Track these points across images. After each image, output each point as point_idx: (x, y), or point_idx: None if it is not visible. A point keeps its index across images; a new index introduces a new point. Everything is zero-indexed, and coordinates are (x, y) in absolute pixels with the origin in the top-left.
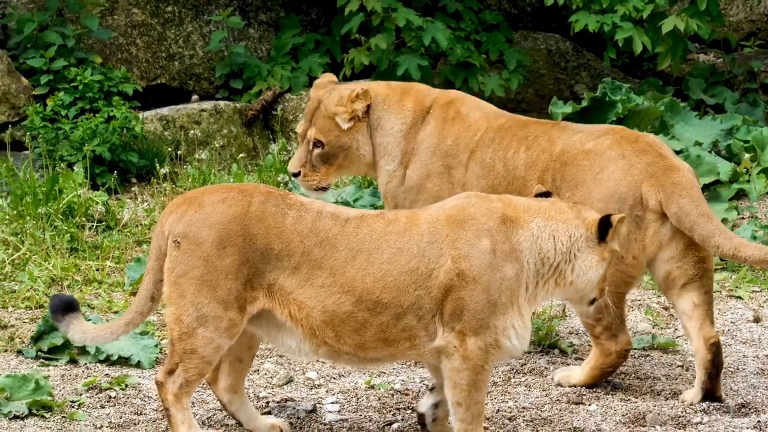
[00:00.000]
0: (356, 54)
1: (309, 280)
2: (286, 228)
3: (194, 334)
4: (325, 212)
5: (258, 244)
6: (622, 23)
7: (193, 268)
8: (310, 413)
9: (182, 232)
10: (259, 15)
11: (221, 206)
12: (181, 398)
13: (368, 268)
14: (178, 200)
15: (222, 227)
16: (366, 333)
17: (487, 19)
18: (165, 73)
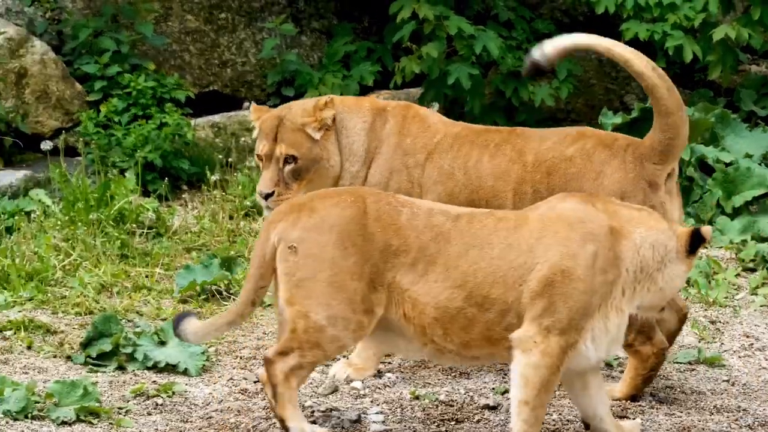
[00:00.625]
0: (407, 62)
1: (424, 276)
2: (402, 224)
3: (323, 330)
4: (436, 209)
5: (377, 243)
6: (673, 32)
7: (319, 271)
8: (355, 423)
9: (299, 237)
10: (312, 22)
11: (336, 209)
12: (290, 378)
13: (480, 263)
14: (284, 209)
15: (341, 228)
16: (473, 330)
17: (538, 28)
18: (217, 80)
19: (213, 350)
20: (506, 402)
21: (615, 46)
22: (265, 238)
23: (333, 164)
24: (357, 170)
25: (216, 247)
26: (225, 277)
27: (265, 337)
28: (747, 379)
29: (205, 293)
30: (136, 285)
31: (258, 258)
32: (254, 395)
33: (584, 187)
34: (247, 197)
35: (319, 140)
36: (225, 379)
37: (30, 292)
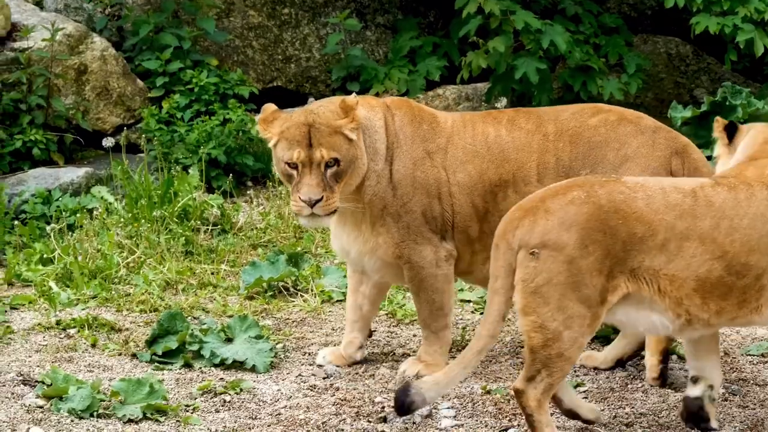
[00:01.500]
0: (474, 57)
1: (679, 253)
2: (642, 210)
3: (560, 338)
4: (667, 186)
5: (620, 235)
6: (743, 25)
7: (557, 274)
8: (426, 418)
9: (540, 242)
10: (377, 17)
11: (573, 207)
12: (543, 403)
13: (733, 234)
14: (518, 213)
15: (581, 227)
16: (730, 297)
17: (606, 22)
18: (281, 76)
19: (281, 347)
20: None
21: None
22: (506, 246)
23: (364, 163)
24: (381, 168)
25: (282, 243)
26: (292, 274)
27: (333, 333)
28: None
29: (272, 290)
30: (201, 282)
31: (503, 268)
32: (323, 391)
33: (607, 156)
34: None
35: (354, 141)
36: (293, 376)
37: (93, 290)
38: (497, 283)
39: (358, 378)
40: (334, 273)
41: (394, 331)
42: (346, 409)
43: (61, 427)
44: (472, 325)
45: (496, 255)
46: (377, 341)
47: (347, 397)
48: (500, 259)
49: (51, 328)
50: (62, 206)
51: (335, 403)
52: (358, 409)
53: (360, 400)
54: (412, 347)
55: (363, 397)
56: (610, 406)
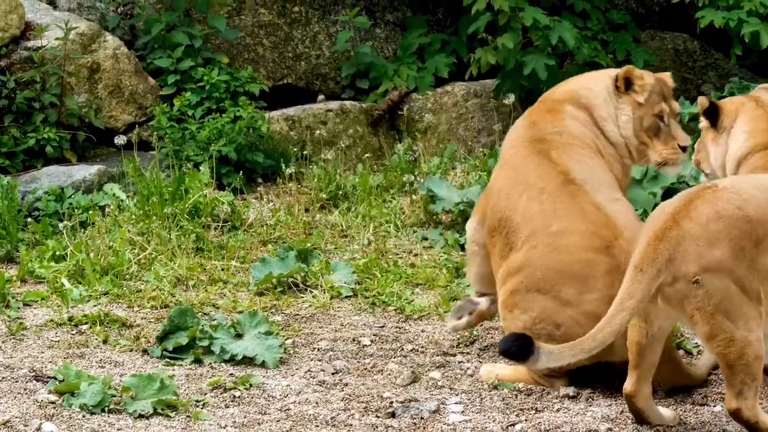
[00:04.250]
0: (483, 53)
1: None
2: (757, 212)
3: (749, 342)
4: (762, 186)
5: (753, 237)
6: (749, 19)
7: (728, 288)
8: (434, 413)
9: (700, 269)
10: (386, 15)
11: (713, 225)
12: (756, 406)
13: None
14: (660, 246)
15: (728, 240)
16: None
17: (614, 18)
18: (291, 73)
19: (290, 342)
20: (586, 391)
21: None
22: (653, 275)
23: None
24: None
25: (292, 239)
26: (301, 270)
27: (342, 328)
28: None
29: (282, 286)
30: (211, 278)
31: (644, 294)
32: (332, 387)
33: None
34: (322, 189)
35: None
36: (302, 371)
37: (105, 286)
38: (630, 302)
39: (367, 374)
40: (343, 269)
41: (402, 326)
42: (354, 405)
43: (73, 422)
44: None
45: (639, 277)
46: (386, 337)
47: (356, 393)
48: (643, 281)
49: (63, 324)
50: (75, 203)
51: (344, 398)
52: (367, 404)
53: (368, 395)
54: (420, 343)
55: (371, 392)
56: (618, 401)
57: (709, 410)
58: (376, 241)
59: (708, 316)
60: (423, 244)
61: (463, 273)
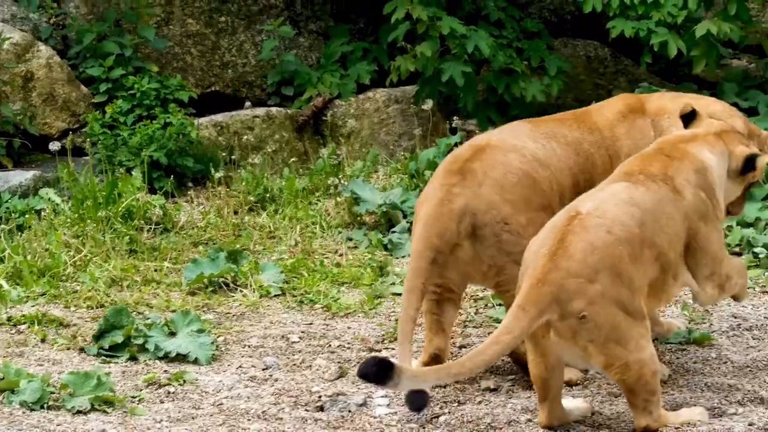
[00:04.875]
0: (402, 61)
1: (641, 261)
2: (622, 232)
3: (643, 362)
4: (619, 202)
5: (625, 258)
6: (658, 29)
7: (614, 316)
8: (361, 407)
9: (584, 305)
10: (309, 24)
11: (590, 258)
12: (661, 413)
13: (660, 234)
14: (542, 288)
15: (606, 269)
16: (665, 293)
17: (528, 27)
18: (219, 81)
19: (222, 340)
20: (506, 384)
21: None
22: (536, 315)
23: None
24: None
25: (222, 241)
26: (231, 270)
27: (271, 326)
28: (736, 358)
29: (213, 285)
30: (145, 279)
31: (522, 331)
32: (263, 382)
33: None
34: (251, 192)
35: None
36: (234, 367)
37: (42, 288)
38: (506, 337)
39: (296, 369)
40: (271, 269)
41: (329, 324)
42: (284, 399)
43: (13, 418)
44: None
45: (520, 315)
46: (314, 334)
47: (286, 388)
48: (524, 320)
49: (2, 324)
50: (11, 207)
51: (274, 393)
52: (296, 398)
53: (298, 390)
54: (347, 339)
55: (301, 387)
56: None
57: (623, 401)
58: (302, 242)
59: (600, 346)
60: (348, 244)
61: (386, 272)
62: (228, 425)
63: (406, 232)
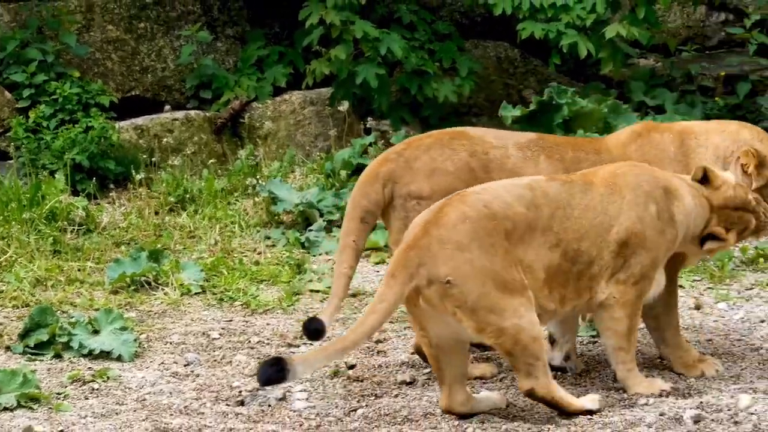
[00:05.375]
0: (317, 64)
1: (531, 243)
2: (502, 207)
3: (521, 327)
4: (507, 185)
5: (500, 232)
6: (567, 30)
7: (483, 284)
8: (280, 401)
9: (450, 270)
10: (226, 29)
11: (460, 225)
12: (549, 384)
13: (565, 223)
14: (410, 252)
15: (476, 239)
16: (568, 285)
17: (439, 29)
18: (139, 86)
19: (144, 337)
20: (422, 377)
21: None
22: (406, 278)
23: None
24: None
25: (143, 241)
26: (153, 269)
27: (192, 323)
28: (646, 350)
29: (135, 284)
30: (69, 278)
31: (395, 296)
32: (184, 378)
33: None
34: (171, 193)
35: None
36: (156, 364)
37: None
38: (381, 305)
39: (217, 365)
40: (192, 268)
41: (249, 320)
42: (206, 394)
43: None
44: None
45: (391, 282)
46: (234, 330)
47: (207, 383)
48: (397, 287)
49: None
50: None
51: (196, 388)
52: (217, 393)
53: (219, 385)
54: (266, 335)
55: (221, 382)
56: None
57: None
58: (222, 241)
59: (469, 312)
60: (266, 243)
61: (304, 269)
62: (151, 420)
63: (323, 231)
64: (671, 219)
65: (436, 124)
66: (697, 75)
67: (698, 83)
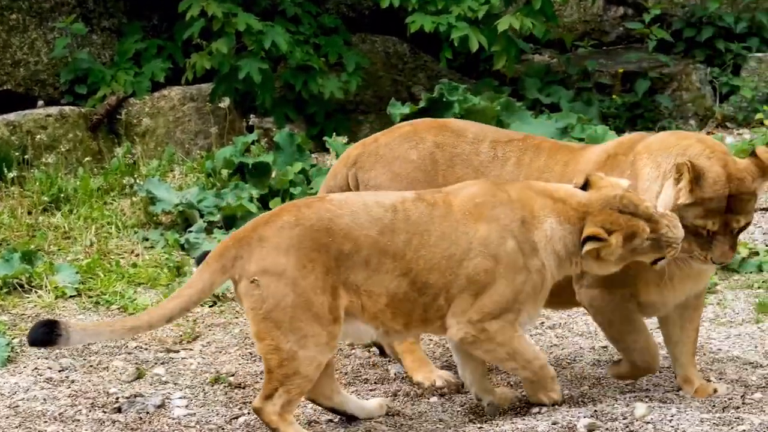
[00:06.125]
0: (198, 58)
1: (377, 269)
2: (349, 227)
3: (296, 357)
4: (370, 203)
5: (332, 252)
6: (458, 23)
7: (284, 297)
8: (159, 408)
9: (258, 270)
10: (102, 21)
11: (286, 231)
12: (285, 415)
13: (420, 251)
14: (230, 243)
15: (296, 249)
16: (414, 314)
17: (325, 22)
18: (11, 80)
19: (17, 341)
20: None
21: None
22: (218, 268)
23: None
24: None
25: (16, 241)
26: (26, 271)
27: None
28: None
29: (7, 287)
30: None
31: (202, 283)
32: (59, 383)
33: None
34: (45, 193)
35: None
36: (30, 369)
37: None
38: (187, 291)
39: (93, 371)
40: (66, 269)
41: None
42: (81, 401)
43: None
44: (202, 317)
45: (203, 269)
46: None
47: (82, 389)
48: (207, 275)
49: None
50: None
51: (71, 395)
52: (94, 400)
53: (95, 391)
54: (144, 340)
55: (98, 388)
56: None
57: (426, 401)
58: (98, 242)
59: (259, 318)
60: (144, 244)
61: (183, 272)
62: (24, 427)
63: (203, 232)
64: (534, 249)
65: (322, 121)
66: (594, 72)
67: (595, 80)
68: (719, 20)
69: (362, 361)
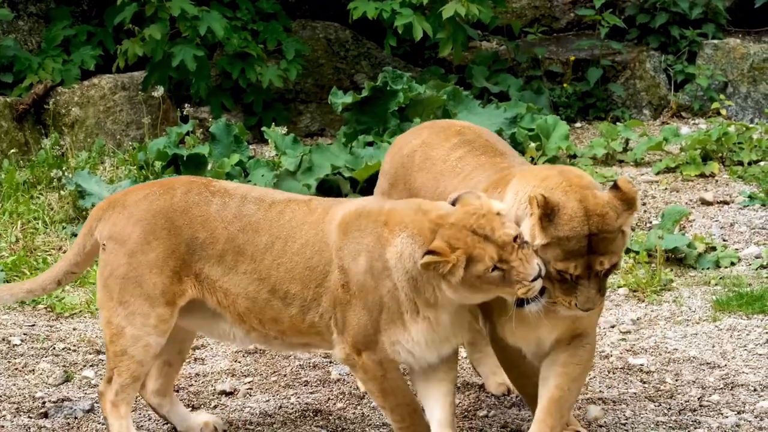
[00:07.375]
0: (130, 45)
1: (233, 268)
2: (211, 216)
3: (123, 334)
4: (250, 197)
5: (184, 236)
6: (402, 10)
7: (118, 267)
8: (88, 413)
9: (108, 234)
10: (29, 6)
11: (144, 203)
12: (118, 406)
13: (282, 257)
14: (103, 205)
15: (146, 223)
16: (283, 323)
17: (264, 8)
18: None
19: None
20: (242, 387)
21: None
22: (87, 230)
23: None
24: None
25: None
26: None
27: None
28: None
29: None
30: None
31: (77, 246)
32: None
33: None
34: None
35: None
36: None
37: None
38: (69, 253)
39: (18, 374)
40: None
41: (53, 324)
42: (6, 406)
43: None
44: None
45: (81, 232)
46: (37, 336)
47: (7, 393)
48: (79, 237)
49: None
50: None
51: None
52: (19, 404)
53: (20, 395)
54: (72, 341)
55: (23, 392)
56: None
57: (369, 404)
58: (24, 239)
59: (101, 284)
60: (73, 240)
61: None
62: None
63: None
64: (385, 268)
65: (260, 111)
66: (544, 59)
67: (545, 68)
68: (673, 6)
69: (302, 363)
